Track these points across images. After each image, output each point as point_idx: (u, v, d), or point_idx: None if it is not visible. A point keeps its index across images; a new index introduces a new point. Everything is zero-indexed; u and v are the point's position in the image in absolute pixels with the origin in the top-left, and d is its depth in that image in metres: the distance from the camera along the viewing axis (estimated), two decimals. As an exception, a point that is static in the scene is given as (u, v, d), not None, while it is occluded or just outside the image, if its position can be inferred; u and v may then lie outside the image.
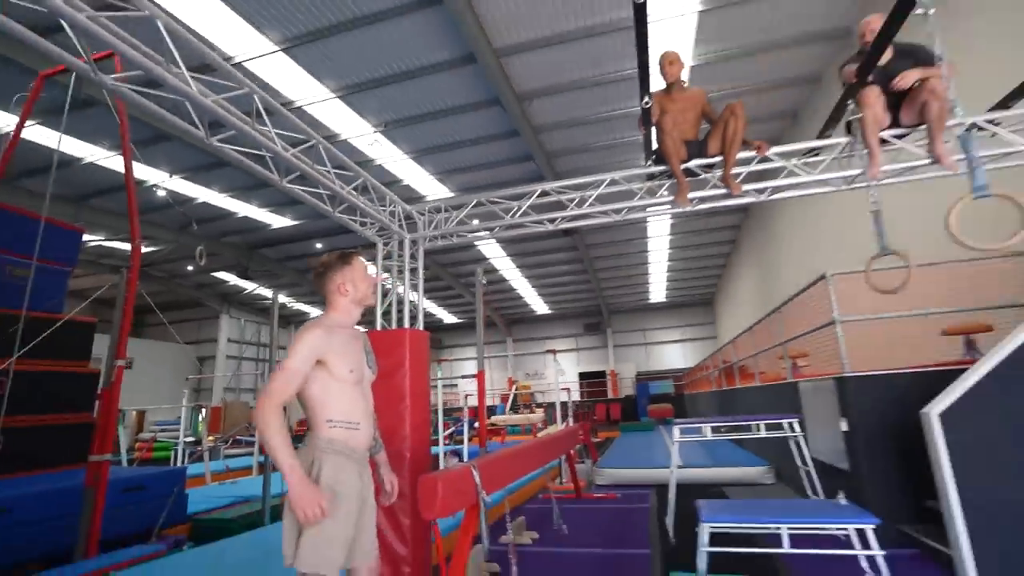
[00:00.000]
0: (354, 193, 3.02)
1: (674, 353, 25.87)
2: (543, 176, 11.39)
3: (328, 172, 2.72)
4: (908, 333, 5.13)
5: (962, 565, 2.93)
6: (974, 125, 3.09)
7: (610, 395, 24.43)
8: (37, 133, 9.07)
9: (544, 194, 3.55)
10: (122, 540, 4.21)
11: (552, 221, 3.54)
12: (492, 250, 17.34)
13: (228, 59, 7.75)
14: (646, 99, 2.75)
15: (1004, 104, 3.07)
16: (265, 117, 2.27)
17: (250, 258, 16.52)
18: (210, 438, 11.15)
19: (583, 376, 26.36)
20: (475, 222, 3.73)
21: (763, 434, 4.56)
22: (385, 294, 3.51)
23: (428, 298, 23.51)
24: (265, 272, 18.15)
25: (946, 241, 3.12)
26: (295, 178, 2.62)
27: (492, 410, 19.80)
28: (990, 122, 3.03)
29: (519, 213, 3.50)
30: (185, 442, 10.45)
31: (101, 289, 5.52)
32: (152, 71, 1.93)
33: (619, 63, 8.29)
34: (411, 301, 3.56)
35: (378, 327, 3.38)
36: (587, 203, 3.42)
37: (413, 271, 3.67)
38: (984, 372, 3.15)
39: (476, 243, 16.18)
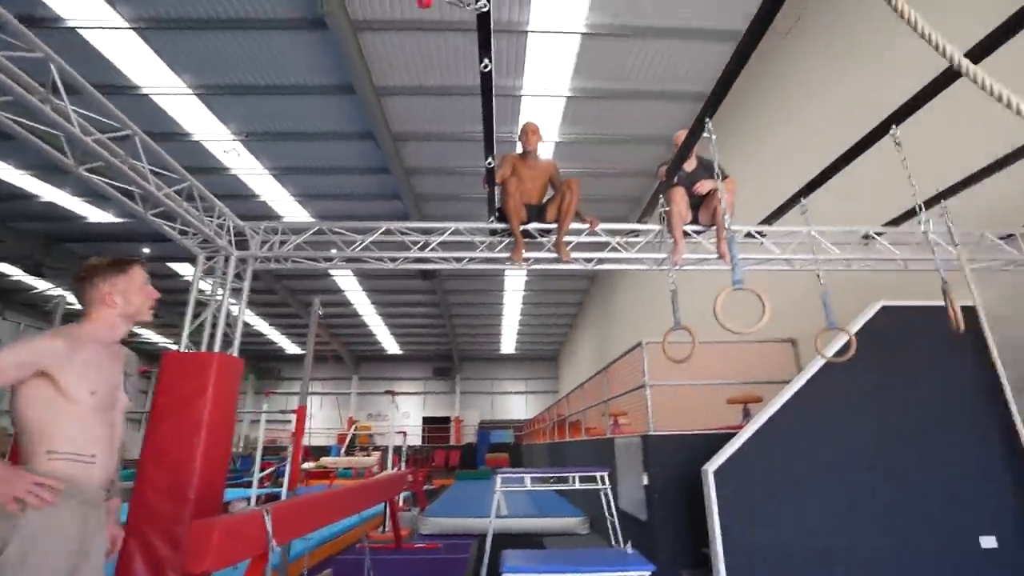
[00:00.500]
0: (175, 196, 2.74)
1: (518, 404, 26.72)
2: (409, 216, 11.42)
3: (143, 167, 2.44)
4: (707, 399, 5.98)
5: (724, 605, 3.37)
6: (749, 233, 3.85)
7: (453, 441, 24.25)
8: None
9: (389, 232, 3.57)
10: None
11: (393, 260, 3.56)
12: (348, 283, 16.65)
13: (57, 20, 6.69)
14: (490, 160, 2.98)
15: (769, 220, 3.90)
16: (62, 92, 1.99)
17: (48, 252, 13.77)
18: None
19: (427, 420, 25.95)
20: (333, 251, 3.59)
21: (578, 486, 4.86)
22: (198, 313, 3.17)
23: (271, 324, 21.55)
24: (66, 271, 15.19)
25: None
26: (96, 167, 2.29)
27: (326, 451, 18.33)
28: (759, 233, 3.81)
29: (360, 247, 3.46)
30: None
31: None
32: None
33: (499, 125, 8.83)
34: (226, 325, 3.25)
35: (183, 348, 3.01)
36: (429, 247, 3.52)
37: (237, 292, 3.37)
38: (746, 437, 3.79)
39: (332, 274, 15.42)
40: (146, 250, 14.36)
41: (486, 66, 2.08)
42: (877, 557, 3.44)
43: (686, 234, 3.75)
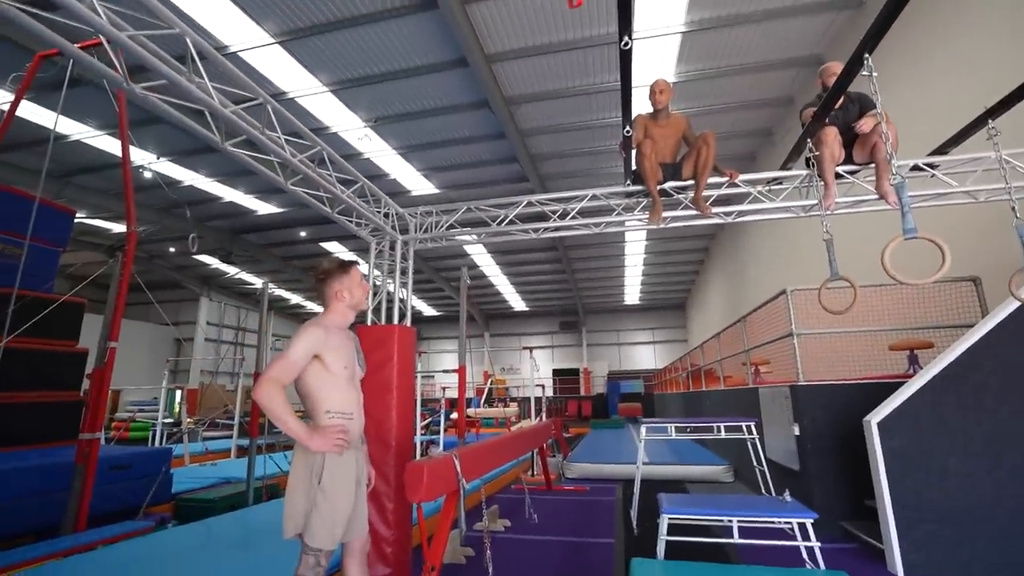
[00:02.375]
0: (353, 196, 3.23)
1: (646, 354, 26.52)
2: (526, 178, 11.65)
3: (330, 176, 2.93)
4: (860, 347, 5.56)
5: (892, 558, 3.32)
6: (916, 166, 3.45)
7: (583, 392, 24.92)
8: (28, 110, 9.01)
9: (530, 204, 3.81)
10: (109, 516, 4.36)
11: (536, 231, 3.81)
12: (474, 248, 17.55)
13: (222, 48, 7.81)
14: (627, 128, 3.03)
15: (942, 150, 3.45)
16: (274, 122, 2.47)
17: (233, 243, 16.45)
18: (189, 420, 11.15)
19: (557, 372, 26.83)
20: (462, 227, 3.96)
21: (723, 436, 4.91)
22: (376, 291, 3.73)
23: (413, 291, 23.56)
24: (248, 257, 18.07)
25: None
26: (298, 180, 2.82)
27: (468, 403, 20.05)
28: (929, 165, 3.39)
29: (505, 222, 3.75)
30: (163, 423, 10.45)
31: (98, 270, 5.57)
32: (170, 77, 2.11)
33: (605, 75, 8.59)
34: (400, 299, 3.79)
35: (369, 323, 3.60)
36: (569, 216, 3.70)
37: (403, 271, 3.89)
38: (919, 385, 3.54)
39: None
40: (303, 233, 16.48)
41: (626, 44, 2.14)
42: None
43: (838, 176, 3.47)
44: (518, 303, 26.18)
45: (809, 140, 3.37)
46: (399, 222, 3.90)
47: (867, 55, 2.26)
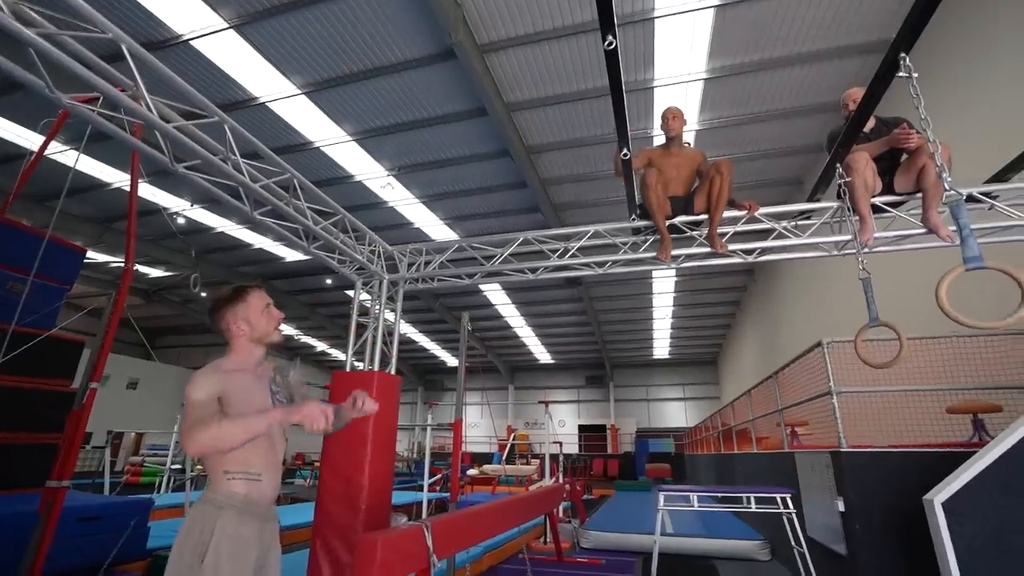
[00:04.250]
0: (332, 229, 3.01)
1: (676, 411, 25.29)
2: (549, 226, 11.49)
3: (302, 206, 2.72)
4: (913, 409, 4.88)
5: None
6: (970, 197, 3.02)
7: (609, 450, 23.70)
8: (71, 157, 9.50)
9: (527, 242, 3.52)
10: (71, 573, 4.02)
11: (533, 271, 3.49)
12: (497, 297, 17.33)
13: (253, 99, 8.11)
14: (624, 151, 2.74)
15: (1000, 177, 3.01)
16: (233, 145, 2.28)
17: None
18: (197, 467, 10.87)
19: (583, 428, 25.77)
20: (475, 268, 3.68)
21: (754, 508, 4.28)
22: (360, 334, 3.45)
23: (433, 340, 23.35)
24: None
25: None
26: (268, 211, 2.62)
27: (488, 458, 19.28)
28: (986, 194, 2.95)
29: (499, 260, 3.46)
30: (171, 469, 10.20)
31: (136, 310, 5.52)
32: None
33: (631, 121, 8.48)
34: (383, 344, 3.48)
35: (347, 367, 3.30)
36: (568, 254, 3.38)
37: (393, 312, 3.61)
38: (993, 458, 2.94)
39: (482, 289, 16.20)
40: (328, 281, 16.64)
41: (610, 44, 1.89)
42: None
43: (876, 208, 3.06)
44: (543, 355, 25.58)
45: (839, 167, 3.00)
46: (387, 261, 3.65)
47: (903, 55, 1.93)
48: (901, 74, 2.01)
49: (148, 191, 11.08)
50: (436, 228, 12.59)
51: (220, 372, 1.68)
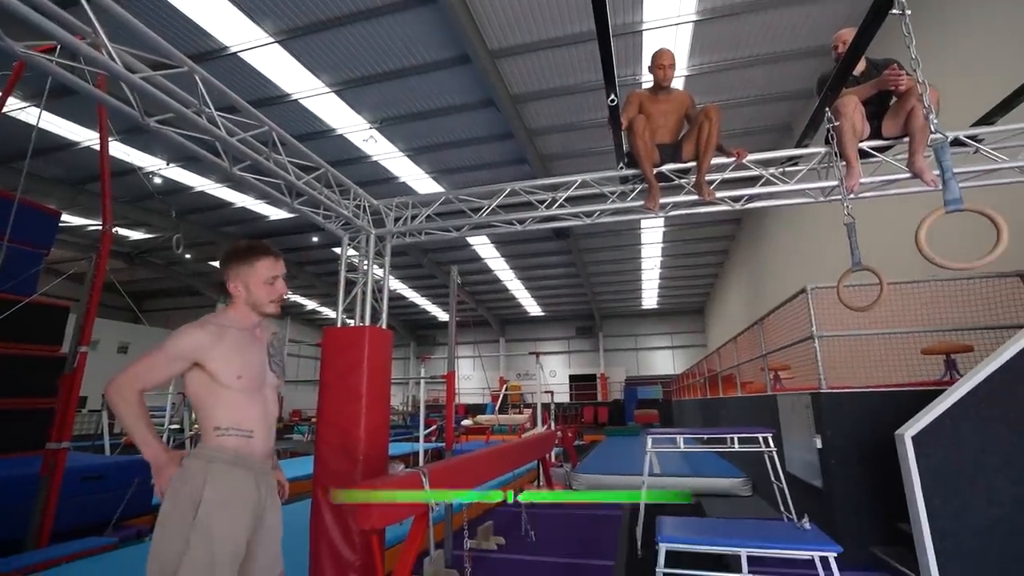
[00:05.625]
0: (316, 184, 2.95)
1: (664, 359, 25.97)
2: (536, 178, 11.33)
3: (283, 160, 2.64)
4: (890, 351, 5.05)
5: (928, 592, 2.86)
6: (956, 140, 3.01)
7: (599, 398, 24.42)
8: (34, 115, 9.03)
9: (514, 193, 3.48)
10: (79, 531, 4.14)
11: (521, 222, 3.47)
12: (487, 251, 17.27)
13: (224, 48, 7.71)
14: (612, 97, 2.67)
15: (987, 119, 3.00)
16: (206, 97, 2.19)
17: (245, 249, 16.52)
18: (195, 425, 11.05)
19: (574, 379, 26.46)
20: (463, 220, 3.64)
21: (737, 448, 4.47)
22: (350, 291, 3.44)
23: (423, 295, 23.41)
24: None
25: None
26: (247, 166, 2.54)
27: (482, 408, 19.83)
28: (971, 138, 2.95)
29: (487, 212, 3.42)
30: (169, 429, 10.35)
31: (117, 273, 5.44)
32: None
33: (619, 69, 8.23)
34: (373, 299, 3.48)
35: (338, 324, 3.31)
36: (556, 205, 3.35)
37: (382, 267, 3.59)
38: (960, 394, 3.07)
39: (470, 243, 16.10)
40: (315, 239, 16.42)
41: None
42: None
43: (863, 153, 3.05)
44: (533, 308, 25.84)
45: (827, 111, 2.96)
46: (374, 216, 3.60)
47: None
48: (895, 11, 1.95)
49: (121, 150, 10.65)
50: (422, 182, 12.35)
51: (211, 326, 1.66)
